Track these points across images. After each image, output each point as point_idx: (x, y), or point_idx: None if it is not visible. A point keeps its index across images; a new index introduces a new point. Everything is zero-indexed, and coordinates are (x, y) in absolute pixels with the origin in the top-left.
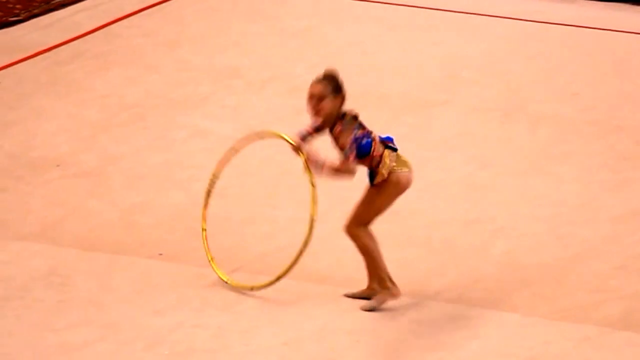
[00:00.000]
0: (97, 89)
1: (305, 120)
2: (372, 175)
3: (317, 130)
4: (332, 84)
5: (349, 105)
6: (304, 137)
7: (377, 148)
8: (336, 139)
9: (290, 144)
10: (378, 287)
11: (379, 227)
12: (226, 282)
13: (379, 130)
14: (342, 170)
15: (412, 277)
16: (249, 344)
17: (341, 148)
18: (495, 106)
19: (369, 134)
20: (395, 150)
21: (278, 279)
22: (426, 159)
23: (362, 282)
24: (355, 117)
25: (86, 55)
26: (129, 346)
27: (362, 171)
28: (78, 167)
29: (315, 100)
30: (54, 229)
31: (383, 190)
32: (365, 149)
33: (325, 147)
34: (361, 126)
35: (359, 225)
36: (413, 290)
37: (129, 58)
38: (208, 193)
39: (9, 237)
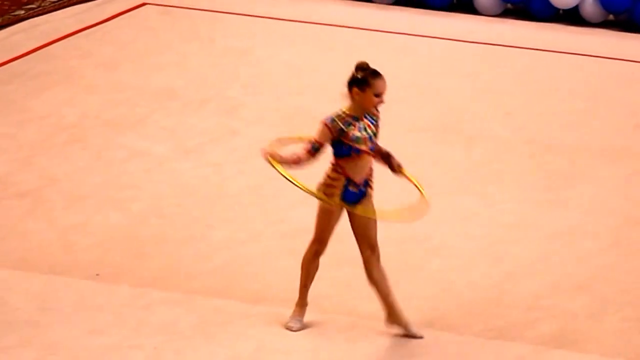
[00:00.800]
0: (35, 109)
1: (241, 140)
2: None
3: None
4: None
5: (284, 126)
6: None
7: None
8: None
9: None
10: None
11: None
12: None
13: None
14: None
15: (347, 296)
16: None
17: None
18: (428, 126)
19: None
20: None
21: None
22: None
23: (295, 300)
24: None
25: (24, 76)
26: None
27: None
28: (16, 188)
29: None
30: None
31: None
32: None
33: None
34: None
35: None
36: (347, 310)
37: (67, 79)
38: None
39: None
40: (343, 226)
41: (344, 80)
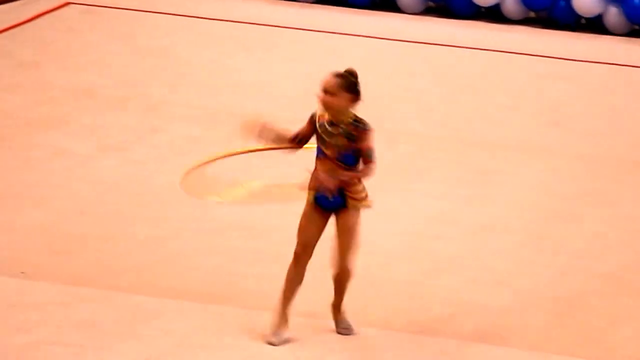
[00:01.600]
0: None
1: (163, 138)
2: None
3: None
4: (346, 82)
5: (206, 124)
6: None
7: None
8: (349, 140)
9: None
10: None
11: (234, 243)
12: None
13: (234, 148)
14: (369, 175)
15: (269, 292)
16: None
17: (363, 150)
18: None
19: None
20: None
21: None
22: (286, 175)
23: (223, 296)
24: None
25: None
26: None
27: None
28: None
29: (328, 94)
30: None
31: (355, 216)
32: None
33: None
34: None
35: (353, 258)
36: (271, 305)
37: None
38: None
39: None
40: (270, 222)
41: (266, 77)
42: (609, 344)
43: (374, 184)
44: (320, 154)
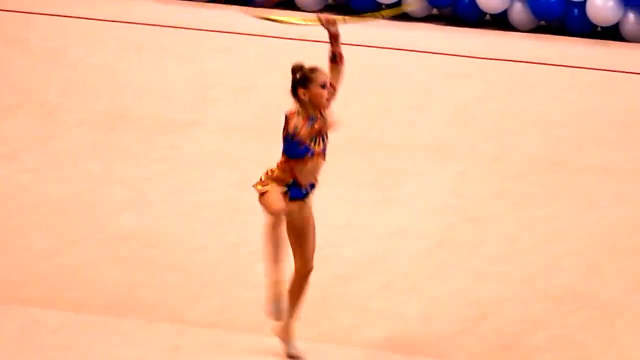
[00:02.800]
0: None
1: (59, 145)
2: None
3: None
4: None
5: (104, 128)
6: None
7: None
8: None
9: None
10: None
11: (134, 252)
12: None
13: (133, 155)
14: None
15: (173, 303)
16: None
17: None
18: (249, 125)
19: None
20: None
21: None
22: (182, 181)
23: (124, 307)
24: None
25: None
26: None
27: None
28: None
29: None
30: None
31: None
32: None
33: None
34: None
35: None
36: (173, 316)
37: None
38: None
39: None
40: (160, 232)
41: (157, 79)
42: (522, 352)
43: None
44: (308, 154)
